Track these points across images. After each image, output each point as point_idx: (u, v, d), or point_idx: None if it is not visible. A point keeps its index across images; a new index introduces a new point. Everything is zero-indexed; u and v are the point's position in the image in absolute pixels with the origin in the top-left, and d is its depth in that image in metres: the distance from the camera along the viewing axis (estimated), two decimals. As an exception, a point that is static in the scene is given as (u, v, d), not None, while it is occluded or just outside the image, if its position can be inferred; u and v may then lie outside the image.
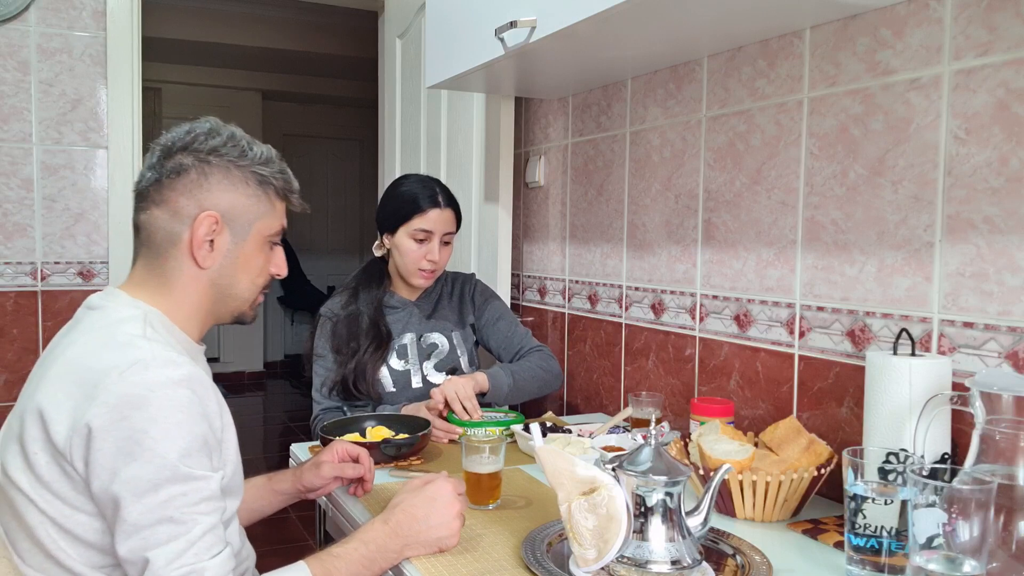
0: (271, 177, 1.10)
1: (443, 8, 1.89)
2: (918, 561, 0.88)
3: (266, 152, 1.11)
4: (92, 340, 1.00)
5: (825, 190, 1.42)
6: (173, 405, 0.93)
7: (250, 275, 1.12)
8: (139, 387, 0.92)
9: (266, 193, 1.10)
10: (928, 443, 1.08)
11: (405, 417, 1.67)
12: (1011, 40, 1.13)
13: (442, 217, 1.83)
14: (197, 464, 0.94)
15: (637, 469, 0.99)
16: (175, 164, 1.06)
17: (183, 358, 0.98)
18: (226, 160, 1.07)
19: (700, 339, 1.73)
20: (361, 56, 4.59)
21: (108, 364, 0.94)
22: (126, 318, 1.03)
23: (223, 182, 1.07)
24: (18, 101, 2.42)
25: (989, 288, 1.17)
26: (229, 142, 1.08)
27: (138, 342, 0.98)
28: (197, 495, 0.93)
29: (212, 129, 1.08)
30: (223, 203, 1.07)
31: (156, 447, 0.91)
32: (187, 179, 1.05)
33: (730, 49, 1.61)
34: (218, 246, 1.07)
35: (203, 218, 1.05)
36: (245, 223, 1.09)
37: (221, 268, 1.09)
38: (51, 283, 2.48)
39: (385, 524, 1.09)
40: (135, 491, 0.91)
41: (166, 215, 1.06)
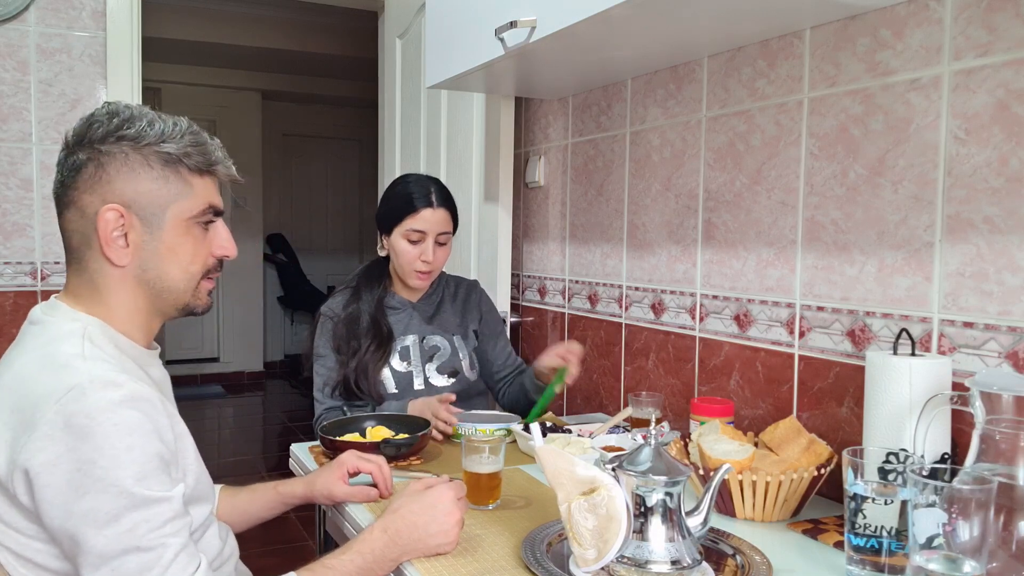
0: (179, 155, 1.00)
1: (443, 8, 1.89)
2: (918, 561, 0.88)
3: (172, 128, 1.01)
4: (30, 361, 0.95)
5: (825, 190, 1.42)
6: (119, 429, 0.88)
7: (180, 264, 1.03)
8: (79, 416, 0.86)
9: (176, 173, 1.01)
10: (928, 443, 1.08)
11: (405, 417, 1.67)
12: (1011, 40, 1.13)
13: (435, 217, 1.82)
14: (156, 485, 0.89)
15: (637, 469, 0.99)
16: (73, 161, 0.99)
17: (122, 376, 0.91)
18: (122, 145, 0.98)
19: (700, 339, 1.73)
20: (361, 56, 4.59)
21: (44, 391, 0.89)
22: (65, 334, 0.97)
23: (122, 170, 0.98)
24: (17, 101, 2.42)
25: (989, 288, 1.17)
26: (125, 125, 0.99)
27: (76, 363, 0.92)
28: (160, 518, 0.89)
29: (109, 115, 1.00)
30: (126, 193, 0.98)
31: (108, 476, 0.86)
32: (85, 175, 0.98)
33: (730, 49, 1.61)
34: (132, 240, 1.00)
35: (105, 212, 0.97)
36: (157, 210, 1.00)
37: (142, 263, 1.01)
38: (51, 283, 2.48)
39: (384, 533, 1.07)
40: (95, 523, 0.86)
41: (76, 216, 1.00)
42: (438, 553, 1.10)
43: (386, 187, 1.95)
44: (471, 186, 2.33)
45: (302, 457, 1.61)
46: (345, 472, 1.31)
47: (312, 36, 5.38)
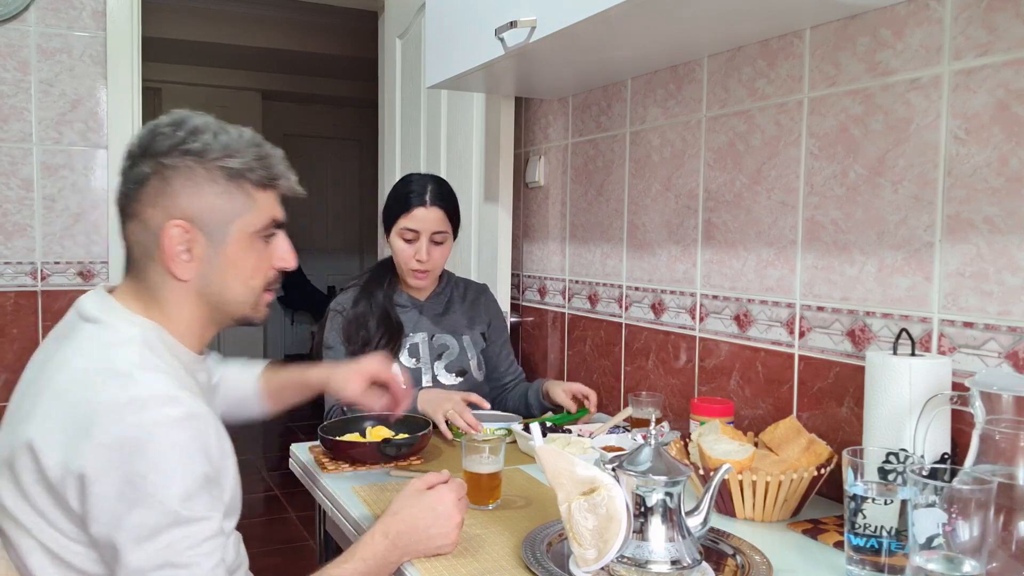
0: (243, 169, 1.00)
1: (443, 8, 1.89)
2: (918, 561, 0.88)
3: (236, 140, 1.00)
4: (88, 366, 0.94)
5: (825, 190, 1.42)
6: (173, 446, 0.89)
7: (241, 278, 1.03)
8: (136, 428, 0.87)
9: (240, 188, 1.00)
10: (928, 443, 1.08)
11: (405, 417, 1.67)
12: (1011, 40, 1.13)
13: (429, 216, 1.82)
14: (199, 505, 0.90)
15: (637, 469, 0.99)
16: (137, 173, 0.98)
17: (182, 392, 0.92)
18: (188, 159, 0.97)
19: (700, 339, 1.73)
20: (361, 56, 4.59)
21: (103, 400, 0.89)
22: (124, 340, 0.97)
23: (187, 185, 0.98)
24: (18, 101, 2.42)
25: (989, 288, 1.17)
26: (190, 137, 0.98)
27: (136, 374, 0.92)
28: (199, 536, 0.90)
29: (174, 125, 0.99)
30: (190, 208, 0.98)
31: (156, 493, 0.87)
32: (149, 188, 0.98)
33: (730, 49, 1.61)
34: (196, 254, 1.00)
35: (170, 228, 0.97)
36: (221, 225, 1.00)
37: (204, 276, 1.01)
38: (51, 283, 2.48)
39: (385, 537, 1.07)
40: (136, 538, 0.87)
41: (139, 228, 1.00)
42: (438, 554, 1.10)
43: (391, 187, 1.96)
44: (471, 186, 2.33)
45: (302, 457, 1.61)
46: (366, 375, 1.34)
47: (312, 36, 5.38)
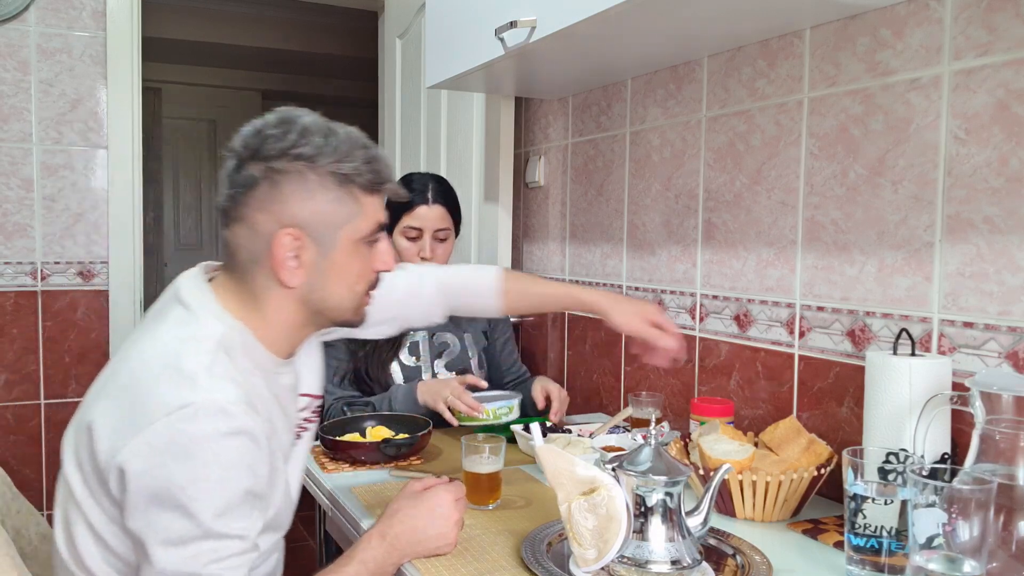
0: (353, 174, 0.97)
1: (443, 8, 1.89)
2: (918, 561, 0.88)
3: (346, 143, 0.97)
4: (159, 358, 0.93)
5: (825, 190, 1.42)
6: (217, 460, 0.88)
7: (347, 283, 1.02)
8: (183, 436, 0.87)
9: (350, 193, 0.97)
10: (928, 443, 1.08)
11: (405, 417, 1.67)
12: (1011, 40, 1.13)
13: (431, 214, 1.83)
14: (234, 521, 0.90)
15: (637, 469, 0.99)
16: (246, 176, 0.95)
17: (239, 407, 0.91)
18: (299, 163, 0.95)
19: (700, 339, 1.73)
20: (361, 56, 4.59)
21: (161, 398, 0.89)
22: (204, 336, 0.95)
23: (298, 191, 0.95)
24: (18, 101, 2.42)
25: (989, 288, 1.17)
26: (300, 140, 0.95)
27: (200, 378, 0.90)
28: (226, 551, 0.90)
29: (281, 126, 0.96)
30: (302, 215, 0.95)
31: (191, 505, 0.87)
32: (259, 192, 0.95)
33: (730, 49, 1.61)
34: (304, 261, 0.97)
35: (282, 236, 0.95)
36: (330, 231, 0.97)
37: (310, 283, 0.99)
38: (51, 283, 2.48)
39: (383, 539, 1.07)
40: (164, 540, 0.88)
41: (245, 233, 0.97)
42: (437, 554, 1.10)
43: None
44: (471, 186, 2.33)
45: (302, 457, 1.61)
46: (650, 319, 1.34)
47: (312, 36, 5.38)
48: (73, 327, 2.51)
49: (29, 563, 1.15)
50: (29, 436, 2.48)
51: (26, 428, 2.48)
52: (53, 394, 2.50)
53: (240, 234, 0.98)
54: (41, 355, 2.48)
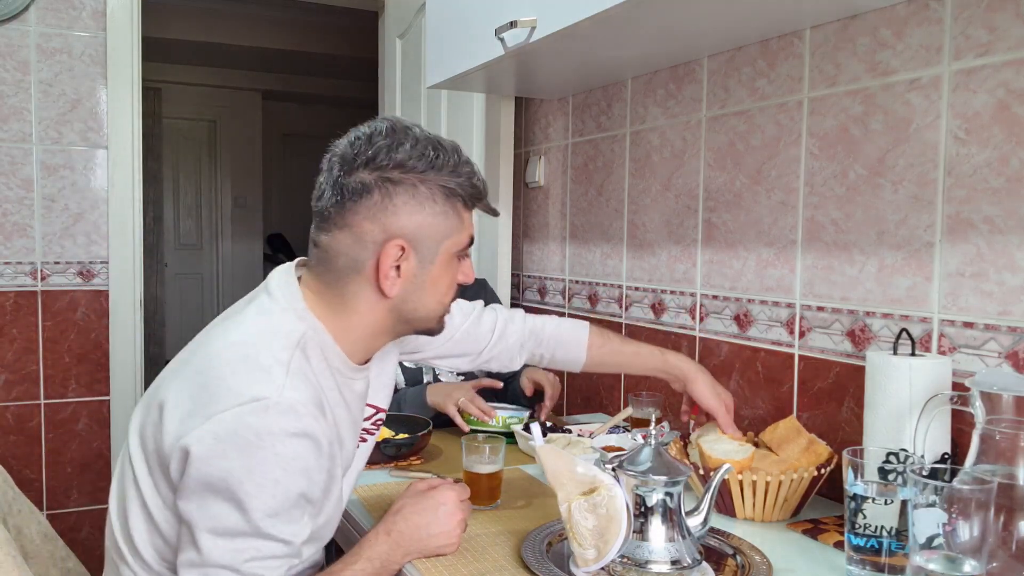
0: (459, 188, 0.99)
1: (443, 8, 1.89)
2: (918, 561, 0.88)
3: (453, 157, 0.99)
4: (240, 344, 0.95)
5: (825, 190, 1.42)
6: (277, 459, 0.89)
7: (438, 295, 1.03)
8: (249, 430, 0.88)
9: (454, 207, 0.99)
10: (928, 443, 1.08)
11: (405, 417, 1.67)
12: (1011, 40, 1.13)
13: None
14: (283, 525, 0.91)
15: (637, 469, 0.99)
16: (357, 183, 0.96)
17: (309, 408, 0.92)
18: (412, 176, 0.96)
19: (700, 339, 1.73)
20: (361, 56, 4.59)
21: (234, 387, 0.90)
22: (284, 332, 0.96)
23: (409, 203, 0.96)
24: (18, 101, 2.42)
25: (989, 288, 1.17)
26: (414, 153, 0.96)
27: (275, 373, 0.91)
28: (270, 552, 0.91)
29: (393, 135, 0.97)
30: (410, 226, 0.97)
31: (245, 500, 0.88)
32: (370, 201, 0.96)
33: (730, 49, 1.61)
34: (404, 272, 0.98)
35: (390, 247, 0.96)
36: (433, 244, 0.99)
37: (405, 293, 1.00)
38: (51, 283, 2.48)
39: (388, 536, 1.07)
40: (211, 529, 0.89)
41: (349, 240, 0.97)
42: (440, 553, 1.10)
43: None
44: (471, 186, 2.32)
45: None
46: None
47: (312, 36, 5.38)
48: (73, 327, 2.51)
49: (30, 562, 1.15)
50: (29, 436, 2.48)
51: (26, 428, 2.47)
52: (53, 394, 2.50)
53: (342, 240, 0.98)
54: (41, 355, 2.48)
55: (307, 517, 0.96)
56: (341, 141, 1.00)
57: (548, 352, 1.37)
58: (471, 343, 1.31)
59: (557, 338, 1.37)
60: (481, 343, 1.31)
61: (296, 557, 0.96)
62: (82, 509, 2.54)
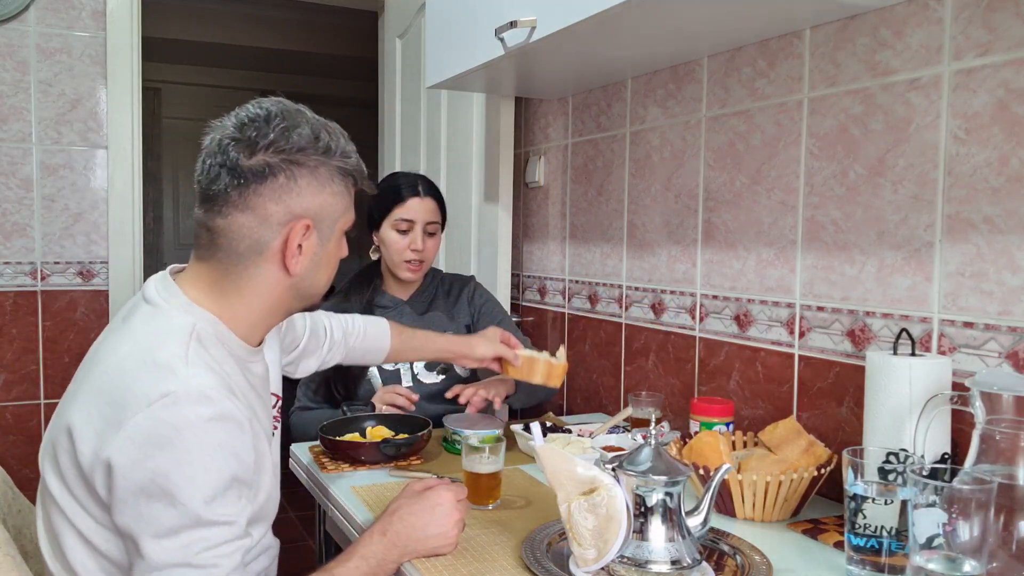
0: (352, 169, 1.04)
1: (443, 8, 1.89)
2: (918, 561, 0.88)
3: (343, 141, 1.03)
4: (133, 351, 0.94)
5: (825, 190, 1.42)
6: (201, 447, 0.88)
7: (329, 271, 1.08)
8: (165, 425, 0.87)
9: (347, 187, 1.04)
10: (928, 443, 1.08)
11: (405, 417, 1.67)
12: (1011, 40, 1.13)
13: (423, 206, 1.84)
14: (221, 508, 0.90)
15: (637, 469, 0.99)
16: (260, 165, 0.96)
17: (218, 391, 0.91)
18: (313, 158, 0.99)
19: (700, 339, 1.73)
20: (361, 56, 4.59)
21: (139, 390, 0.89)
22: (175, 328, 0.96)
23: (312, 184, 0.99)
24: (17, 101, 2.42)
25: (989, 288, 1.17)
26: (313, 136, 0.99)
27: (176, 367, 0.91)
28: (218, 539, 0.90)
29: (289, 118, 0.98)
30: (314, 206, 1.00)
31: (179, 494, 0.87)
32: (276, 183, 0.97)
33: (730, 49, 1.61)
34: (305, 249, 1.01)
35: (298, 226, 0.99)
36: (331, 222, 1.03)
37: (304, 271, 1.03)
38: (51, 283, 2.48)
39: (383, 536, 1.07)
40: (155, 533, 0.88)
41: (253, 222, 0.98)
42: (437, 554, 1.10)
43: None
44: (471, 186, 2.32)
45: (301, 457, 1.61)
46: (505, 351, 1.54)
47: (312, 36, 5.38)
48: (73, 327, 2.51)
49: (30, 562, 1.15)
50: (29, 436, 2.48)
51: (26, 428, 2.48)
52: (53, 394, 2.50)
53: (244, 223, 0.98)
54: (41, 355, 2.48)
55: (244, 499, 0.95)
56: (227, 122, 0.98)
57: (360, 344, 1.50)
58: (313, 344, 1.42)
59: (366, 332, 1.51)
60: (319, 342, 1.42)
61: (246, 538, 0.95)
62: (82, 509, 2.54)
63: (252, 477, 0.97)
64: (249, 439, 0.95)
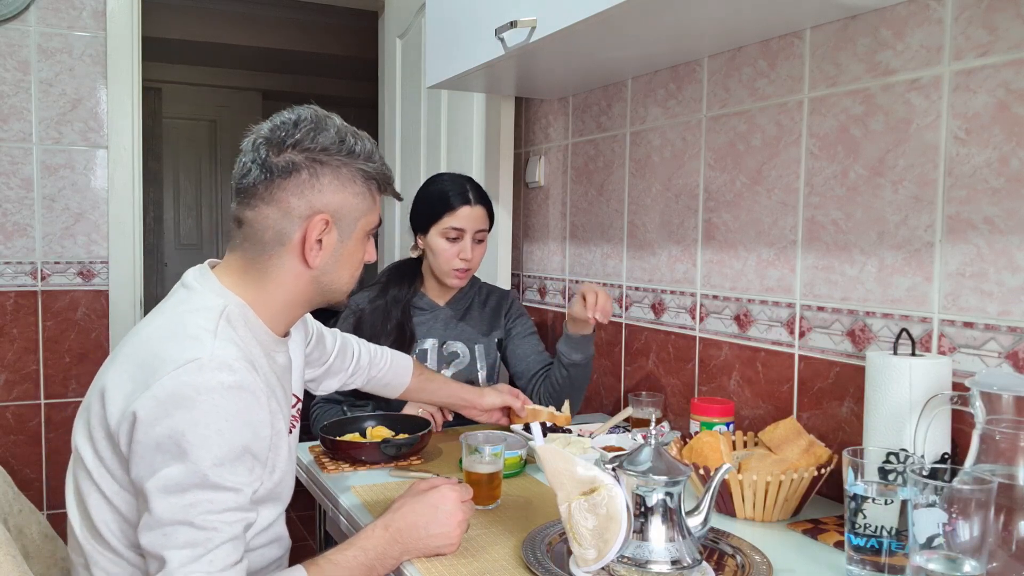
0: (375, 173, 1.10)
1: (443, 8, 1.89)
2: (918, 561, 0.88)
3: (369, 146, 1.10)
4: (167, 324, 1.02)
5: (825, 190, 1.42)
6: (217, 411, 0.93)
7: (351, 269, 1.13)
8: (188, 387, 0.93)
9: (370, 189, 1.10)
10: (928, 443, 1.08)
11: (405, 417, 1.67)
12: (1011, 40, 1.13)
13: (473, 214, 1.82)
14: (230, 474, 0.94)
15: (637, 469, 0.99)
16: (286, 162, 1.04)
17: (241, 363, 0.97)
18: (336, 159, 1.06)
19: (700, 339, 1.73)
20: (361, 56, 4.59)
21: (168, 355, 0.96)
22: (206, 307, 1.03)
23: (334, 182, 1.06)
24: (18, 101, 2.42)
25: (989, 288, 1.17)
26: (337, 139, 1.06)
27: (204, 338, 0.98)
28: (222, 504, 0.94)
29: (318, 123, 1.06)
30: (333, 203, 1.06)
31: (191, 452, 0.92)
32: (299, 179, 1.04)
33: (730, 49, 1.61)
34: (325, 244, 1.07)
35: (316, 221, 1.05)
36: (351, 221, 1.09)
37: (325, 265, 1.09)
38: (51, 283, 2.48)
39: (385, 530, 1.08)
40: (163, 488, 0.92)
41: (276, 214, 1.05)
42: (439, 553, 1.10)
43: (419, 187, 1.93)
44: (471, 186, 2.32)
45: (302, 457, 1.61)
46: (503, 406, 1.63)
47: (312, 36, 5.38)
48: (73, 327, 2.51)
49: (31, 562, 1.15)
50: (29, 436, 2.48)
51: (26, 428, 2.48)
52: (53, 394, 2.50)
53: (269, 215, 1.05)
54: (41, 355, 2.48)
55: (256, 471, 0.99)
56: (264, 125, 1.07)
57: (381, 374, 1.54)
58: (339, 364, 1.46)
59: (392, 363, 1.55)
60: (345, 363, 1.47)
61: (250, 512, 0.98)
62: (82, 509, 2.54)
63: (266, 453, 1.01)
64: (266, 415, 0.99)
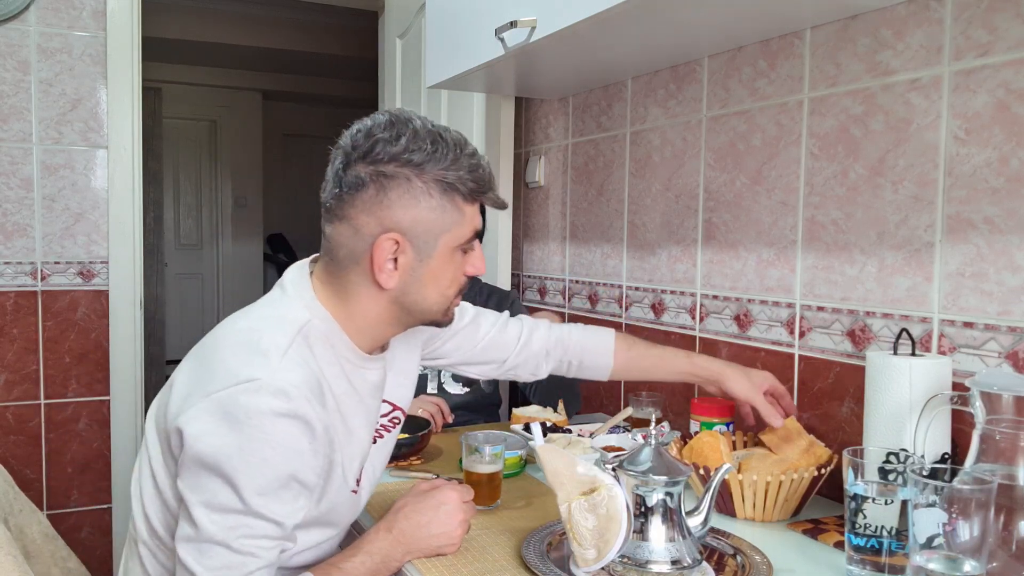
0: (457, 183, 0.98)
1: (443, 8, 1.89)
2: (918, 561, 0.88)
3: (452, 151, 0.98)
4: (247, 329, 0.99)
5: (825, 190, 1.42)
6: (265, 439, 0.90)
7: (439, 288, 1.03)
8: (239, 408, 0.90)
9: (452, 201, 0.99)
10: (928, 443, 1.08)
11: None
12: (1011, 40, 1.13)
13: None
14: (272, 503, 0.92)
15: (637, 469, 0.99)
16: (354, 177, 0.97)
17: (302, 391, 0.92)
18: (407, 169, 0.96)
19: (700, 339, 1.73)
20: (361, 56, 4.59)
21: (231, 367, 0.93)
22: (288, 320, 0.99)
23: (404, 197, 0.96)
24: (18, 101, 2.42)
25: (989, 288, 1.17)
26: (411, 146, 0.96)
27: (272, 357, 0.93)
28: (261, 531, 0.93)
29: (392, 128, 0.97)
30: (404, 221, 0.97)
31: (235, 477, 0.90)
32: (365, 195, 0.97)
33: (730, 49, 1.61)
34: (401, 265, 0.99)
35: (383, 240, 0.97)
36: (430, 239, 0.99)
37: (404, 286, 1.00)
38: (51, 283, 2.48)
39: (389, 532, 1.07)
40: (206, 503, 0.91)
41: (348, 231, 0.99)
42: (441, 553, 1.10)
43: None
44: (471, 186, 2.32)
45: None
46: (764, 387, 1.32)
47: (312, 36, 5.38)
48: (73, 327, 2.51)
49: (31, 562, 1.16)
50: (29, 436, 2.48)
51: (26, 428, 2.47)
52: (53, 394, 2.50)
53: (342, 232, 1.00)
54: (41, 355, 2.48)
55: (301, 500, 0.96)
56: (345, 134, 1.01)
57: (576, 359, 1.37)
58: (496, 351, 1.33)
59: (583, 345, 1.37)
60: (506, 351, 1.33)
61: (289, 540, 0.97)
62: (82, 509, 2.54)
63: (315, 482, 0.98)
64: (321, 446, 0.96)
